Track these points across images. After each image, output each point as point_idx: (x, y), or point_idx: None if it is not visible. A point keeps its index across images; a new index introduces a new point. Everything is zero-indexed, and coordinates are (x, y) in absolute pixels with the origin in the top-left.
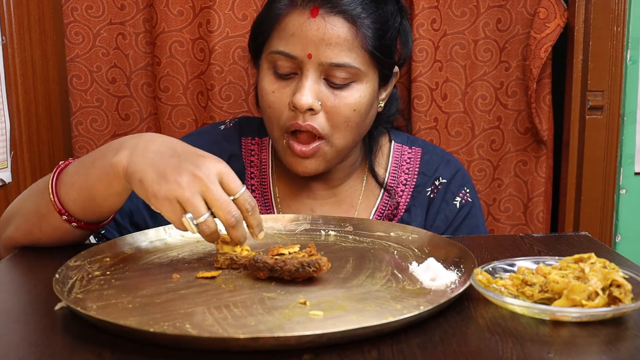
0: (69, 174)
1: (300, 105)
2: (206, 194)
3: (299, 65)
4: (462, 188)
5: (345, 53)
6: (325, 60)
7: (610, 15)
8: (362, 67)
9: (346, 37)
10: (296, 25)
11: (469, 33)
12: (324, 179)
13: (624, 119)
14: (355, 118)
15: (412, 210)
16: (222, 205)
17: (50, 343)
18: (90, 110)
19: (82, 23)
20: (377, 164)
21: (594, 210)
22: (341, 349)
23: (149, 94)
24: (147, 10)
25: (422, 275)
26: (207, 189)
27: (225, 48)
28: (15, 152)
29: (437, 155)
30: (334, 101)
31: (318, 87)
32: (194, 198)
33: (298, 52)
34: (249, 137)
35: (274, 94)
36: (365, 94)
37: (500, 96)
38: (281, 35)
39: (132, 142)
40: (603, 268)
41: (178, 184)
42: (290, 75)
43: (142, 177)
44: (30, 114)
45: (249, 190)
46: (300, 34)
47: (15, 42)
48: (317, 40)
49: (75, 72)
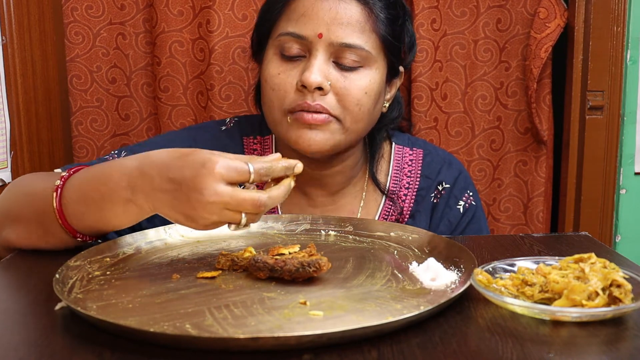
0: (74, 202)
1: (309, 82)
2: (228, 206)
3: (308, 47)
4: (465, 191)
5: (357, 34)
6: (336, 39)
7: (610, 15)
8: (373, 51)
9: (358, 19)
10: (307, 5)
11: (469, 33)
12: (323, 185)
13: (624, 119)
14: (367, 102)
15: (416, 216)
16: (245, 206)
17: (50, 343)
18: (90, 110)
19: (82, 23)
20: (378, 169)
21: (594, 210)
22: (341, 349)
23: (149, 94)
24: (147, 10)
25: (422, 275)
26: (225, 205)
27: (225, 48)
28: (15, 152)
29: (439, 156)
30: (344, 82)
31: (327, 67)
32: (222, 216)
33: (308, 32)
34: (250, 137)
35: (279, 76)
36: (375, 80)
37: (500, 96)
38: (290, 17)
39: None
40: (603, 268)
41: (203, 217)
42: (297, 58)
43: (175, 219)
44: (30, 114)
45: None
46: (312, 13)
47: (15, 42)
48: (329, 20)
49: (75, 72)
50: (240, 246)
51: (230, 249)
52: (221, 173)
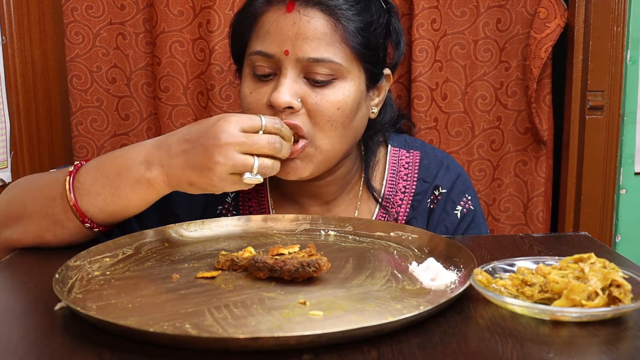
0: (89, 183)
1: (277, 103)
2: (242, 149)
3: (277, 64)
4: (464, 195)
5: (324, 47)
6: (302, 55)
7: (610, 15)
8: (344, 62)
9: (324, 31)
10: (271, 21)
11: (469, 33)
12: (316, 195)
13: (624, 119)
14: (339, 117)
15: (412, 222)
16: (261, 144)
17: (50, 343)
18: (90, 110)
19: (82, 23)
20: (372, 176)
21: (594, 210)
22: (341, 349)
23: (149, 94)
24: (147, 10)
25: (422, 275)
26: (239, 146)
27: (225, 48)
28: (15, 152)
29: (437, 159)
30: (316, 98)
31: (297, 85)
32: (237, 160)
33: (275, 50)
34: None
35: (251, 95)
36: (350, 93)
37: (500, 96)
38: (259, 34)
39: (154, 154)
40: (603, 268)
41: (219, 163)
42: (269, 77)
43: (189, 180)
44: (30, 114)
45: (246, 199)
46: (276, 30)
47: (15, 42)
48: (293, 36)
49: (75, 72)
50: (240, 246)
51: (230, 249)
52: (235, 119)
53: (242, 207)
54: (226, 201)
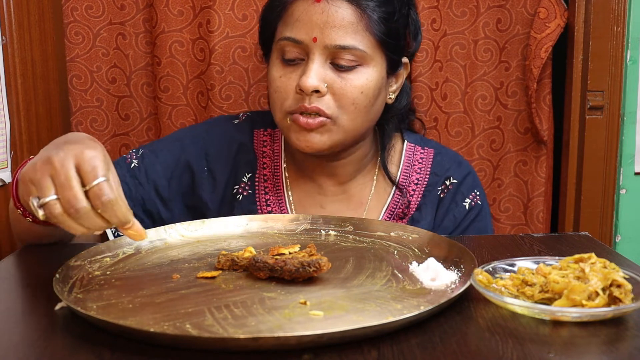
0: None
1: (306, 87)
2: (53, 178)
3: (305, 50)
4: (473, 190)
5: (351, 35)
6: (330, 42)
7: (610, 15)
8: (368, 50)
9: (351, 20)
10: (301, 10)
11: (469, 33)
12: (332, 175)
13: (624, 119)
14: (362, 100)
15: (422, 208)
16: (64, 191)
17: (50, 343)
18: (90, 110)
19: (82, 23)
20: (389, 161)
21: (594, 210)
22: (341, 349)
23: (149, 94)
24: (147, 10)
25: (422, 275)
26: (54, 173)
27: (225, 48)
28: (15, 152)
29: (449, 156)
30: (341, 83)
31: (324, 70)
32: (42, 180)
33: (303, 37)
34: (261, 129)
35: (280, 79)
36: (372, 78)
37: (500, 96)
38: (287, 22)
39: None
40: (603, 268)
41: (34, 166)
42: (296, 61)
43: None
44: (30, 114)
45: (262, 179)
46: (305, 18)
47: (15, 42)
48: (321, 24)
49: (75, 72)
50: (241, 246)
51: (230, 249)
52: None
53: (258, 187)
54: (242, 181)
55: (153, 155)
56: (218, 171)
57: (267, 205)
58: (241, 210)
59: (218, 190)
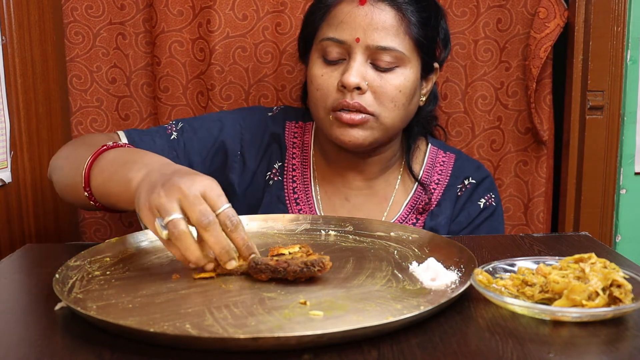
0: (107, 159)
1: (348, 83)
2: (182, 201)
3: (347, 50)
4: (489, 192)
5: (391, 38)
6: (372, 43)
7: (610, 15)
8: (407, 51)
9: (392, 23)
10: (345, 12)
11: (469, 33)
12: (360, 171)
13: (624, 119)
14: (401, 99)
15: (442, 204)
16: (196, 207)
17: (50, 343)
18: (90, 110)
19: (82, 23)
20: (413, 161)
21: (594, 210)
22: (341, 349)
23: (149, 94)
24: (147, 10)
25: (422, 275)
26: (183, 196)
27: (225, 48)
28: (15, 152)
29: (469, 162)
30: (381, 82)
31: (365, 69)
32: (168, 203)
33: (347, 37)
34: (292, 121)
35: (322, 77)
36: (409, 78)
37: (501, 96)
38: (331, 23)
39: (151, 161)
40: (603, 268)
41: (158, 194)
42: (338, 61)
43: (140, 191)
44: (30, 114)
45: (290, 169)
46: (350, 20)
47: (15, 42)
48: (365, 25)
49: (75, 72)
50: None
51: None
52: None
53: (286, 175)
54: (274, 167)
55: (192, 131)
56: (249, 157)
57: (294, 193)
58: (270, 195)
59: (246, 175)
